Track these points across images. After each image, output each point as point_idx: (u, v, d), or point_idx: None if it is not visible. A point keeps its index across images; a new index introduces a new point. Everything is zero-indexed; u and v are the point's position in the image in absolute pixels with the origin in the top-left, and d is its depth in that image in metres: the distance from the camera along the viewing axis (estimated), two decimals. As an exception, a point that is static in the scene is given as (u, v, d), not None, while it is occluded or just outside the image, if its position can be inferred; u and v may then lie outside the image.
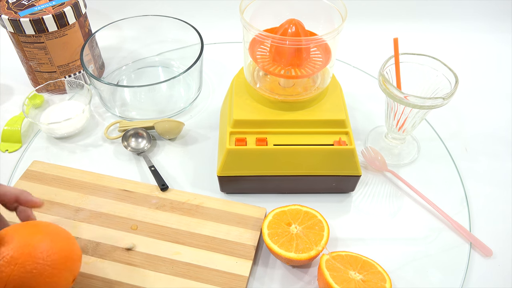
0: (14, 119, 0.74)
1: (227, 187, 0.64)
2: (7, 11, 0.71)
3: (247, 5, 0.60)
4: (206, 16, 0.99)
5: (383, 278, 0.51)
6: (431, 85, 0.64)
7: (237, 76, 0.67)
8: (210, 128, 0.75)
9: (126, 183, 0.64)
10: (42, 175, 0.65)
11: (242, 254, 0.56)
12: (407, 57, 0.64)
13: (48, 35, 0.73)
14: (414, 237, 0.61)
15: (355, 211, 0.64)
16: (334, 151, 0.59)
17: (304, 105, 0.61)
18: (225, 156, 0.59)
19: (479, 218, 0.63)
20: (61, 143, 0.72)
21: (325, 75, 0.64)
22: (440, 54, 0.66)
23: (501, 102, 0.83)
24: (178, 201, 0.62)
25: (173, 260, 0.55)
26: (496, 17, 0.99)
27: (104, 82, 0.71)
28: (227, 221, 0.59)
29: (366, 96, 0.82)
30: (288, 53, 0.58)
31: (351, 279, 0.50)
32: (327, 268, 0.51)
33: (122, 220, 0.59)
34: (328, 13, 0.61)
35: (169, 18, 0.82)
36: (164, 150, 0.71)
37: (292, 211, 0.57)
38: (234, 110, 0.61)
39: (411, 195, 0.66)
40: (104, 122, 0.76)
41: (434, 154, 0.72)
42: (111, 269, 0.54)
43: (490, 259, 0.59)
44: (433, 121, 0.77)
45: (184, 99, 0.79)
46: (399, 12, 0.99)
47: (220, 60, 0.90)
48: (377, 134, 0.74)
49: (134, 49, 0.88)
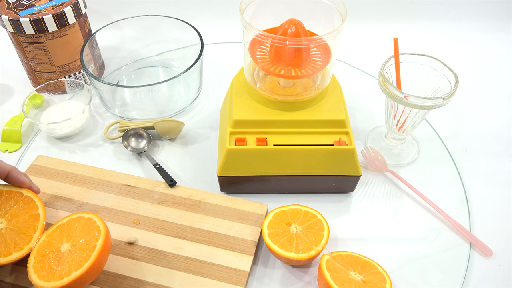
0: (14, 119, 0.74)
1: (227, 187, 0.64)
2: (7, 11, 0.71)
3: (247, 5, 0.60)
4: (206, 16, 0.99)
5: (383, 278, 0.51)
6: (431, 85, 0.64)
7: (237, 76, 0.67)
8: (210, 128, 0.75)
9: (129, 178, 0.64)
10: (46, 170, 0.65)
11: (243, 249, 0.56)
12: (407, 57, 0.64)
13: (48, 35, 0.73)
14: (414, 237, 0.61)
15: (355, 211, 0.64)
16: (334, 151, 0.59)
17: (304, 105, 0.61)
18: (225, 156, 0.59)
19: (479, 218, 0.63)
20: (61, 143, 0.72)
21: (325, 75, 0.64)
22: (440, 54, 0.66)
23: (501, 102, 0.83)
24: (180, 197, 0.62)
25: (175, 254, 0.55)
26: (496, 17, 0.99)
27: (104, 82, 0.71)
28: (228, 217, 0.60)
29: (366, 96, 0.82)
30: (288, 53, 0.58)
31: (352, 279, 0.50)
32: (327, 268, 0.51)
33: (125, 215, 0.60)
34: (328, 13, 0.61)
35: (169, 18, 0.82)
36: (164, 150, 0.71)
37: (292, 211, 0.57)
38: (234, 110, 0.61)
39: (411, 195, 0.66)
40: (104, 122, 0.76)
41: (434, 154, 0.72)
42: (113, 262, 0.54)
43: (490, 259, 0.59)
44: (433, 121, 0.77)
45: (184, 99, 0.79)
46: (399, 12, 0.99)
47: (220, 60, 0.90)
48: (377, 134, 0.74)
49: (134, 49, 0.88)
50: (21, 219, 0.51)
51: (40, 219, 0.52)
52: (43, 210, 0.53)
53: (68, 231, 0.50)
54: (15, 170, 0.52)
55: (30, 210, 0.52)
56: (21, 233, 0.50)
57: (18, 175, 0.53)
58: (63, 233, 0.50)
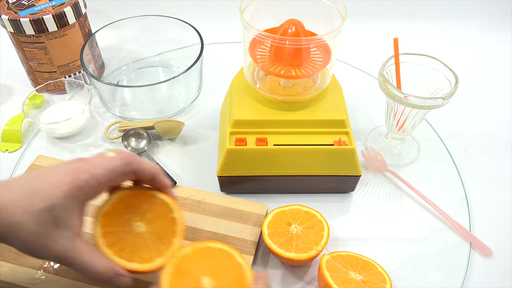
0: (14, 119, 0.74)
1: (227, 187, 0.64)
2: (7, 11, 0.71)
3: (247, 5, 0.60)
4: (206, 16, 0.99)
5: (383, 278, 0.51)
6: (431, 85, 0.64)
7: (237, 76, 0.67)
8: (210, 128, 0.75)
9: None
10: None
11: (243, 249, 0.56)
12: (407, 57, 0.64)
13: (48, 35, 0.73)
14: (414, 237, 0.61)
15: (355, 211, 0.64)
16: (334, 151, 0.59)
17: (304, 105, 0.61)
18: (225, 156, 0.59)
19: (479, 218, 0.63)
20: (61, 143, 0.72)
21: (325, 75, 0.64)
22: (440, 54, 0.66)
23: (501, 102, 0.83)
24: (180, 197, 0.62)
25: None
26: (496, 17, 0.99)
27: (104, 82, 0.71)
28: (228, 217, 0.59)
29: (366, 96, 0.82)
30: (288, 53, 0.58)
31: (352, 279, 0.50)
32: (327, 268, 0.51)
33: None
34: (328, 13, 0.61)
35: (169, 18, 0.82)
36: (164, 150, 0.71)
37: (292, 211, 0.57)
38: (234, 110, 0.61)
39: (411, 195, 0.66)
40: (104, 122, 0.76)
41: (434, 154, 0.72)
42: None
43: (490, 259, 0.59)
44: (433, 121, 0.77)
45: (184, 99, 0.79)
46: (399, 12, 0.99)
47: (220, 60, 0.90)
48: (377, 134, 0.74)
49: (134, 49, 0.88)
50: (159, 223, 0.45)
51: (178, 223, 0.45)
52: (179, 212, 0.46)
53: (209, 261, 0.44)
54: (161, 173, 0.45)
55: (166, 213, 0.46)
56: (161, 238, 0.44)
57: (163, 177, 0.46)
58: (202, 262, 0.43)
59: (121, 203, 0.45)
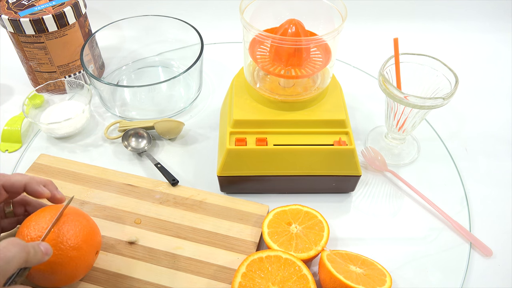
0: (14, 119, 0.74)
1: (227, 187, 0.64)
2: (7, 11, 0.71)
3: (247, 5, 0.60)
4: (206, 16, 0.99)
5: (383, 273, 0.51)
6: (431, 85, 0.64)
7: (237, 76, 0.67)
8: (210, 128, 0.75)
9: (130, 177, 0.65)
10: (48, 168, 0.65)
11: (243, 250, 0.56)
12: (407, 57, 0.64)
13: (48, 35, 0.73)
14: (414, 237, 0.61)
15: (355, 211, 0.64)
16: (334, 151, 0.59)
17: (304, 105, 0.61)
18: (225, 156, 0.59)
19: (479, 218, 0.63)
20: (61, 143, 0.72)
21: (325, 75, 0.64)
22: (440, 54, 0.66)
23: (501, 102, 0.83)
24: (181, 197, 0.62)
25: (175, 254, 0.55)
26: (496, 17, 0.99)
27: (104, 82, 0.71)
28: (229, 217, 0.60)
29: (366, 96, 0.82)
30: (288, 53, 0.58)
31: (352, 271, 0.50)
32: (328, 260, 0.51)
33: (126, 214, 0.60)
34: (328, 13, 0.61)
35: (169, 18, 0.82)
36: (164, 150, 0.71)
37: (292, 211, 0.57)
38: (234, 110, 0.61)
39: (411, 195, 0.66)
40: (104, 122, 0.76)
41: (434, 154, 0.72)
42: (114, 262, 0.54)
43: (490, 259, 0.59)
44: (433, 121, 0.77)
45: (184, 99, 0.79)
46: (399, 12, 0.99)
47: (220, 60, 0.90)
48: (377, 134, 0.74)
49: (134, 49, 0.88)
50: (289, 283, 0.49)
51: (309, 280, 0.49)
52: (307, 269, 0.50)
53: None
54: (32, 182, 0.48)
55: (296, 272, 0.50)
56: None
57: (35, 186, 0.48)
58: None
59: None
